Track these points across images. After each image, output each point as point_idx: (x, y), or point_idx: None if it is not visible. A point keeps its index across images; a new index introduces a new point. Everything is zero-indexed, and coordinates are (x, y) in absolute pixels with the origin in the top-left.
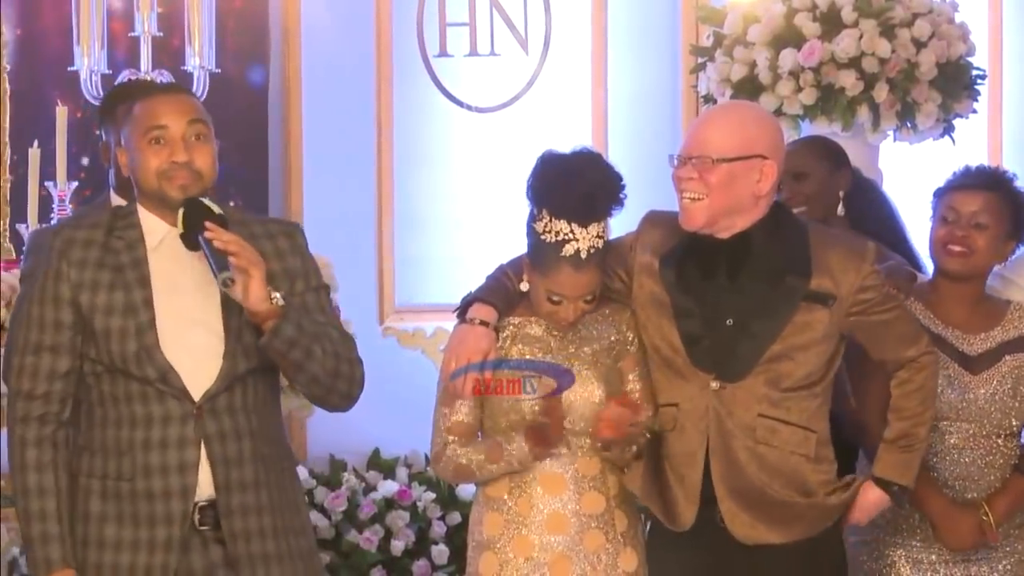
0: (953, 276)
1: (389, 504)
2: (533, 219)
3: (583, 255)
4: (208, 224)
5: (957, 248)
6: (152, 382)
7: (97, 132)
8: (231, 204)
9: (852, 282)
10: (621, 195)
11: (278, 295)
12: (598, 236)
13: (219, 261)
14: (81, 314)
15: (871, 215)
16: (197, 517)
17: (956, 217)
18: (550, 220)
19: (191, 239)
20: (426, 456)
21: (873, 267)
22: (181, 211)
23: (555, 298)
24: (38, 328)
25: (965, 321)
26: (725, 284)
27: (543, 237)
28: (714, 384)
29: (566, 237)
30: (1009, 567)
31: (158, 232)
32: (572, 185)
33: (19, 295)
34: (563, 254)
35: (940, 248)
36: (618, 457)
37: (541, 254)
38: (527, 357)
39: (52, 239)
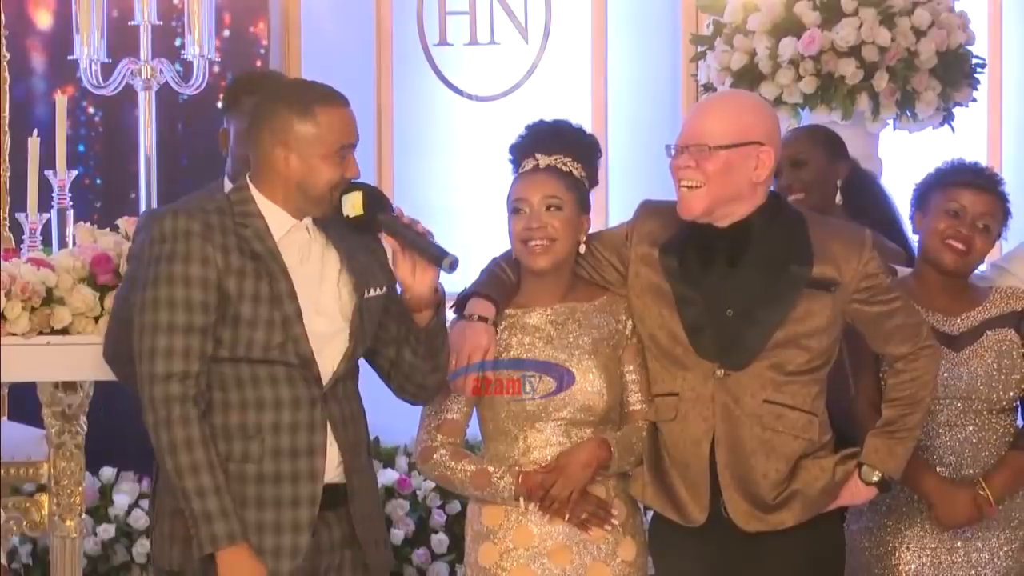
0: (947, 272)
1: (389, 493)
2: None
3: (540, 167)
4: (396, 208)
5: (959, 245)
6: (290, 366)
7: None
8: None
9: (854, 268)
10: (591, 142)
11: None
12: (562, 163)
13: (424, 243)
14: (226, 299)
15: (868, 205)
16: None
17: (964, 214)
18: (520, 165)
19: (370, 221)
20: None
21: (872, 253)
22: (360, 194)
23: (519, 206)
24: (187, 310)
25: (948, 306)
26: (726, 272)
27: (513, 178)
28: (719, 372)
29: (527, 164)
30: (1010, 552)
31: (284, 224)
32: (539, 127)
33: (143, 277)
34: (523, 170)
35: (938, 241)
36: (618, 470)
37: (509, 191)
38: (526, 346)
39: (188, 223)
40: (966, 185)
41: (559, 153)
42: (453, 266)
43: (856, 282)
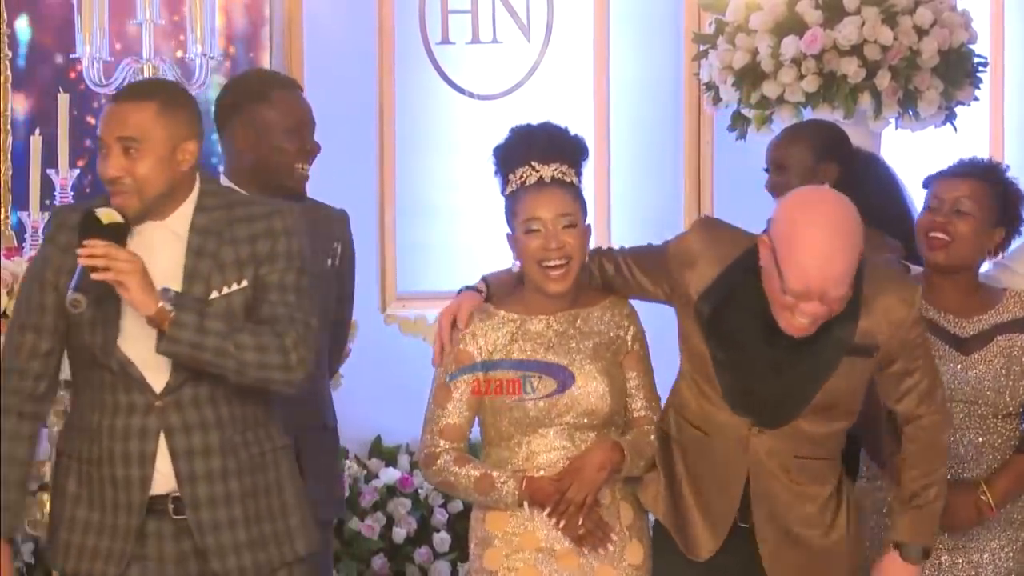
0: (939, 270)
1: (391, 492)
2: (504, 189)
3: (546, 180)
4: (86, 241)
5: (937, 235)
6: (115, 372)
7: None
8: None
9: (899, 336)
10: (581, 144)
11: (166, 301)
12: (563, 172)
13: (78, 280)
14: (61, 299)
15: (874, 191)
16: (171, 506)
17: (939, 204)
18: (515, 174)
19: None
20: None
21: (919, 313)
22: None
23: (533, 226)
24: (25, 308)
25: (959, 306)
26: (768, 332)
27: (512, 189)
28: (753, 429)
29: (529, 176)
30: (1011, 554)
31: (137, 223)
32: (530, 134)
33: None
34: (526, 184)
35: (923, 236)
36: (629, 474)
37: (513, 204)
38: (528, 353)
39: (51, 220)
40: (940, 176)
41: (556, 161)
42: (73, 305)
43: (895, 346)
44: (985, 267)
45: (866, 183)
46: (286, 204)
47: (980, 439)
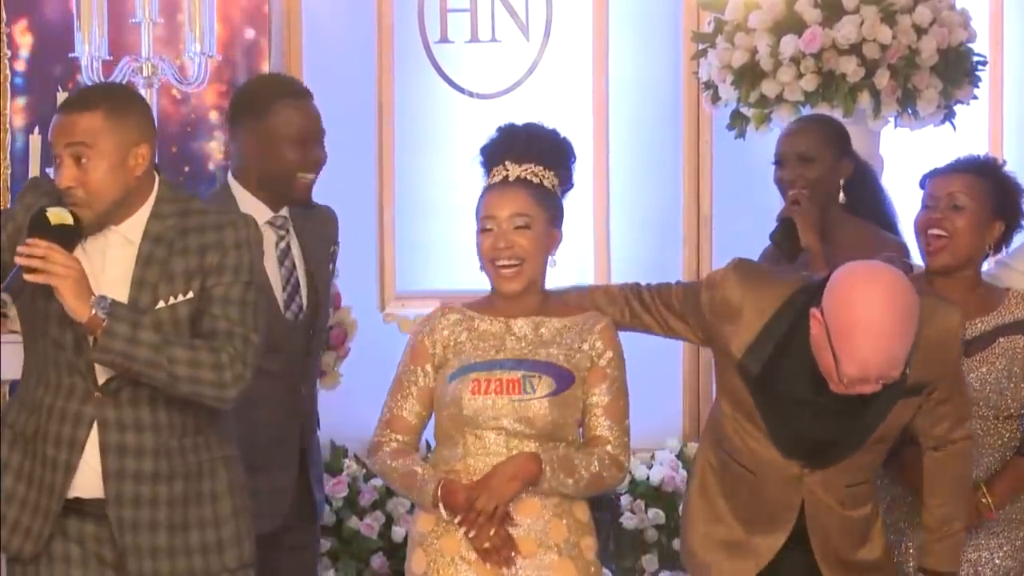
0: (939, 272)
1: (390, 491)
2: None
3: (510, 179)
4: (29, 240)
5: (935, 231)
6: (67, 349)
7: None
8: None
9: (944, 369)
10: (564, 147)
11: (100, 309)
12: (533, 174)
13: (14, 278)
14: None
15: (869, 204)
16: (84, 510)
17: (934, 202)
18: (491, 172)
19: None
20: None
21: (961, 345)
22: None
23: (487, 225)
24: None
25: (961, 307)
26: (816, 383)
27: (483, 186)
28: (805, 470)
29: (498, 174)
30: (1010, 552)
31: (89, 231)
32: (512, 133)
33: None
34: (492, 182)
35: (922, 235)
36: (552, 491)
37: (478, 202)
38: (478, 353)
39: (27, 184)
40: (934, 174)
41: (531, 162)
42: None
43: (940, 377)
44: (986, 266)
45: (867, 187)
46: (241, 216)
47: (981, 440)
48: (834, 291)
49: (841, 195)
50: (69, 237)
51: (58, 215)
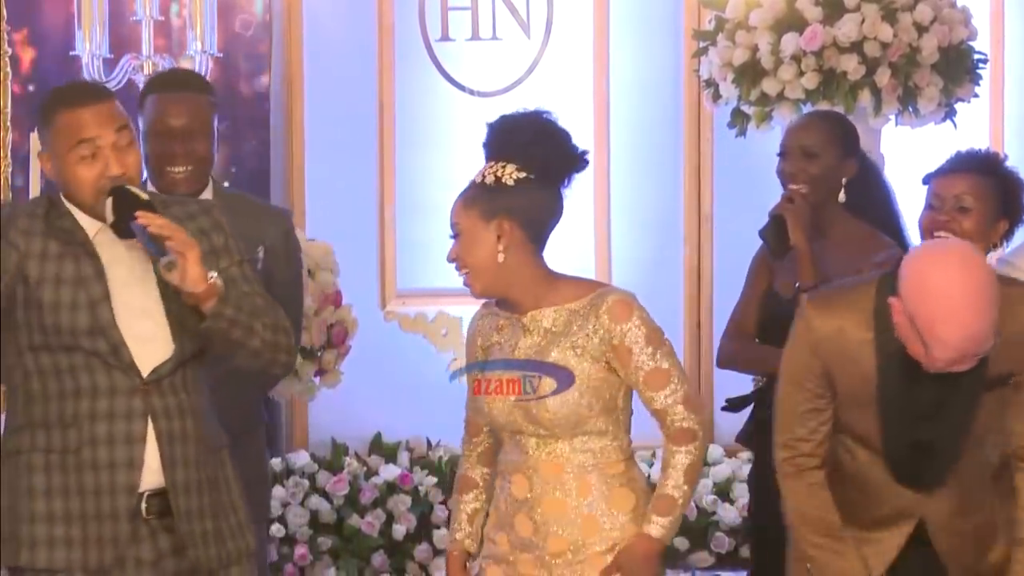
0: None
1: (391, 488)
2: None
3: (476, 180)
4: (140, 212)
5: (942, 233)
6: (101, 355)
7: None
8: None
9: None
10: (558, 139)
11: (214, 274)
12: (483, 174)
13: (156, 246)
14: (26, 284)
15: (870, 204)
16: (144, 506)
17: (940, 203)
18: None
19: (123, 227)
20: (428, 441)
21: None
22: (110, 200)
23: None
24: None
25: None
26: (911, 375)
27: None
28: (919, 495)
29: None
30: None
31: (92, 226)
32: (509, 124)
33: None
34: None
35: (927, 236)
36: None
37: None
38: (493, 353)
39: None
40: (939, 173)
41: (502, 157)
42: (168, 267)
43: (1019, 360)
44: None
45: (873, 185)
46: (201, 202)
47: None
48: (908, 276)
49: (842, 194)
50: (153, 210)
51: (138, 191)
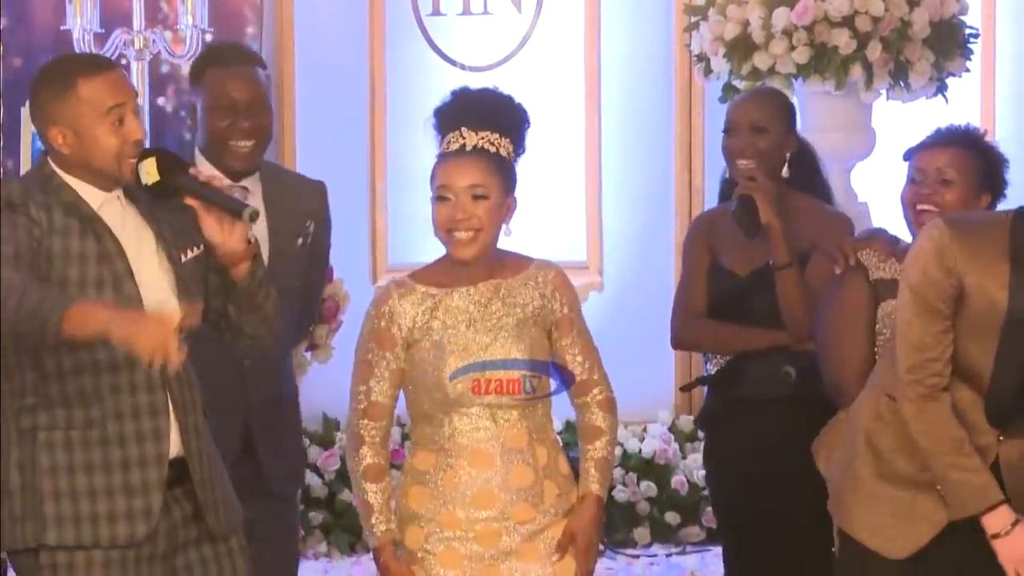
0: None
1: None
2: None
3: (467, 148)
4: (191, 169)
5: (926, 207)
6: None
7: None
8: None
9: None
10: (520, 115)
11: (253, 234)
12: (490, 142)
13: (223, 199)
14: (49, 260)
15: (808, 179)
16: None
17: (923, 176)
18: (445, 138)
19: (169, 187)
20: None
21: None
22: (151, 161)
23: (444, 194)
24: (15, 253)
25: None
26: None
27: (438, 152)
28: (1000, 438)
29: (454, 141)
30: None
31: (95, 197)
32: (469, 97)
33: None
34: (448, 150)
35: (911, 210)
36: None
37: (433, 169)
38: (448, 328)
39: (9, 186)
40: (920, 148)
41: (487, 128)
42: (253, 218)
43: None
44: None
45: (810, 162)
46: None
47: None
48: None
49: (785, 169)
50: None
51: (149, 173)
